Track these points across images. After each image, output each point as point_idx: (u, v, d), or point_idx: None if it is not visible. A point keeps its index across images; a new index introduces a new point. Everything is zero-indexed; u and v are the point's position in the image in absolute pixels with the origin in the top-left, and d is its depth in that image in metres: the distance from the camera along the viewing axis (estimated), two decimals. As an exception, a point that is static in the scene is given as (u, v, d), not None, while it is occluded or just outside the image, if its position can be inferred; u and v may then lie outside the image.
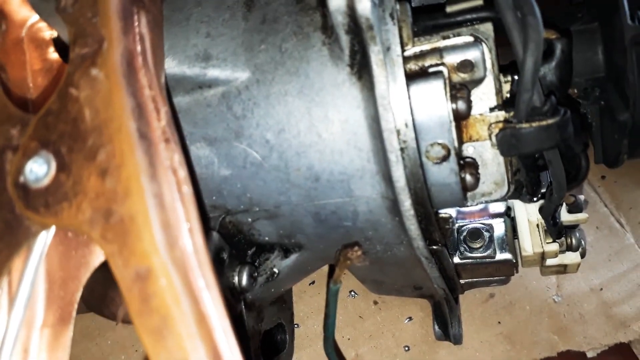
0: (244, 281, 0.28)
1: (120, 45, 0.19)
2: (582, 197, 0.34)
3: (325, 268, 0.38)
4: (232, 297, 0.26)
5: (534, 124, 0.23)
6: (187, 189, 0.17)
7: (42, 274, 0.20)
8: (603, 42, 0.27)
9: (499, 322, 0.43)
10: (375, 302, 0.43)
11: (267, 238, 0.29)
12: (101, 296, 0.26)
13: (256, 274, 0.29)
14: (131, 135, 0.17)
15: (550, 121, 0.23)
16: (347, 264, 0.27)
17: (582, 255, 0.36)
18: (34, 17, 0.23)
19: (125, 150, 0.16)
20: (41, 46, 0.24)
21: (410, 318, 0.42)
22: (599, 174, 0.50)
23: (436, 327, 0.39)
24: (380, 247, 0.29)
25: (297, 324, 0.40)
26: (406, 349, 0.41)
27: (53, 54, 0.24)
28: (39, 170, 0.17)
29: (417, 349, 0.41)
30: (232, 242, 0.28)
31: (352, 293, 0.42)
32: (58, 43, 0.25)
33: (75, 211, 0.16)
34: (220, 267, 0.27)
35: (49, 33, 0.24)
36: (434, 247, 0.29)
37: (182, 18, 0.26)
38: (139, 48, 0.20)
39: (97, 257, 0.21)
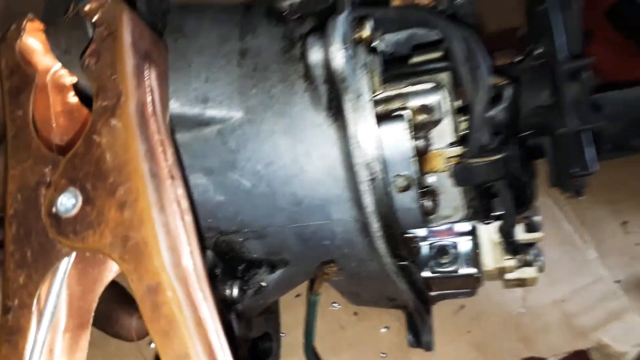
0: (235, 293, 0.32)
1: (134, 98, 0.22)
2: (537, 218, 0.38)
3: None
4: (224, 307, 0.29)
5: (483, 160, 0.27)
6: (188, 218, 0.21)
7: (65, 287, 0.23)
8: (549, 76, 0.31)
9: (469, 332, 0.46)
10: (355, 313, 0.46)
11: (255, 255, 0.33)
12: (106, 317, 0.30)
13: (245, 287, 0.33)
14: (144, 175, 0.21)
15: (496, 157, 0.27)
16: (324, 277, 0.31)
17: (541, 270, 0.40)
18: (57, 65, 0.27)
19: (139, 188, 0.20)
20: (62, 91, 0.27)
21: (387, 327, 0.46)
22: (564, 194, 0.55)
23: (409, 335, 0.42)
24: (355, 263, 0.33)
25: (283, 333, 0.43)
26: (383, 355, 0.45)
27: (73, 98, 0.27)
28: (68, 203, 0.21)
29: (393, 355, 0.45)
30: (225, 259, 0.32)
31: (334, 305, 0.46)
32: (77, 88, 0.29)
33: (99, 237, 0.20)
34: (214, 281, 0.30)
35: (69, 79, 0.27)
36: (402, 262, 0.33)
37: (184, 65, 0.29)
38: (149, 99, 0.24)
39: (110, 273, 0.25)
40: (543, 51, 0.30)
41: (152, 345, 0.44)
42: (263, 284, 0.33)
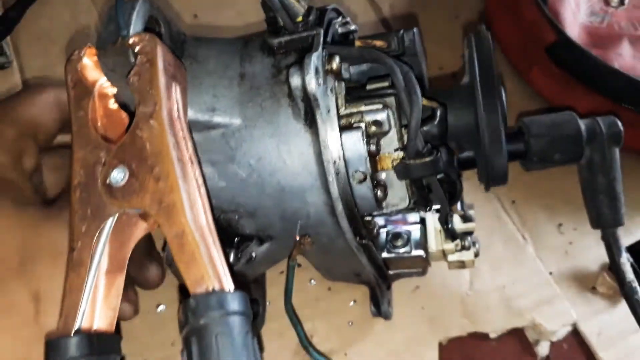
0: (231, 259, 0.41)
1: (165, 106, 0.32)
2: (472, 211, 0.47)
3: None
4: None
5: (417, 161, 0.36)
6: (203, 190, 0.30)
7: (108, 239, 0.32)
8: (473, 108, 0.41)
9: (423, 308, 0.53)
10: (329, 289, 0.53)
11: (248, 231, 0.40)
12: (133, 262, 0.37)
13: (239, 256, 0.41)
14: (173, 159, 0.30)
15: (426, 159, 0.36)
16: (300, 247, 0.39)
17: (476, 255, 0.49)
18: (103, 79, 0.35)
19: (170, 167, 0.29)
20: (105, 99, 0.36)
21: (354, 301, 0.52)
22: (510, 199, 0.61)
23: (372, 306, 0.50)
24: (325, 239, 0.40)
25: (268, 302, 0.51)
26: (350, 324, 0.52)
27: (113, 105, 0.36)
28: (118, 176, 0.30)
29: (358, 324, 0.51)
30: (224, 233, 0.41)
31: (312, 281, 0.53)
32: (116, 97, 0.37)
33: (140, 200, 0.29)
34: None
35: (111, 90, 0.36)
36: (362, 241, 0.42)
37: (197, 83, 0.38)
38: (175, 107, 0.33)
39: (139, 233, 0.34)
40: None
41: (159, 309, 0.53)
42: (253, 254, 0.41)
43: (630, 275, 0.47)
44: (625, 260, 0.48)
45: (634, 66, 0.62)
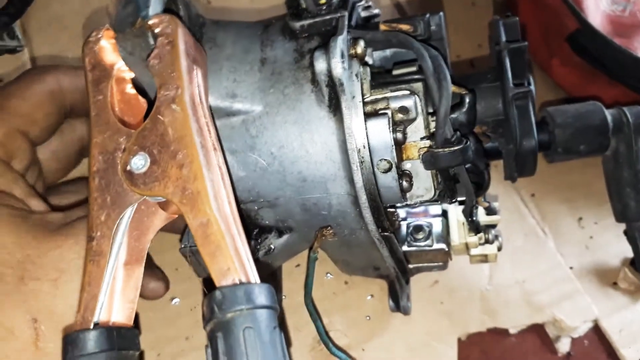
0: (250, 251, 0.39)
1: (188, 90, 0.30)
2: (496, 204, 0.46)
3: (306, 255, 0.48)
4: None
5: (445, 149, 0.35)
6: (227, 179, 0.29)
7: (127, 229, 0.31)
8: (502, 96, 0.39)
9: (442, 303, 0.52)
10: (346, 282, 0.52)
11: (267, 222, 0.39)
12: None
13: (258, 248, 0.40)
14: (197, 145, 0.28)
15: (455, 148, 0.34)
16: (322, 239, 0.38)
17: (499, 249, 0.48)
18: (120, 62, 0.33)
19: (194, 154, 0.28)
20: (122, 83, 0.34)
21: (372, 295, 0.51)
22: (530, 193, 0.60)
23: (390, 301, 0.49)
24: (347, 231, 0.39)
25: (284, 295, 0.50)
26: (367, 318, 0.51)
27: (131, 90, 0.35)
28: (139, 163, 0.29)
29: (376, 318, 0.50)
30: (243, 224, 0.40)
31: (328, 275, 0.52)
32: (133, 81, 0.36)
33: (163, 187, 0.28)
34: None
35: (128, 75, 0.35)
36: (385, 233, 0.41)
37: (217, 68, 0.37)
38: (197, 92, 0.31)
39: (158, 223, 0.32)
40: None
41: (174, 302, 0.51)
42: (272, 246, 0.40)
43: (655, 270, 0.46)
44: (651, 255, 0.47)
45: (658, 56, 0.60)
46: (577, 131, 0.44)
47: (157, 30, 0.32)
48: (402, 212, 0.46)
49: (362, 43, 0.35)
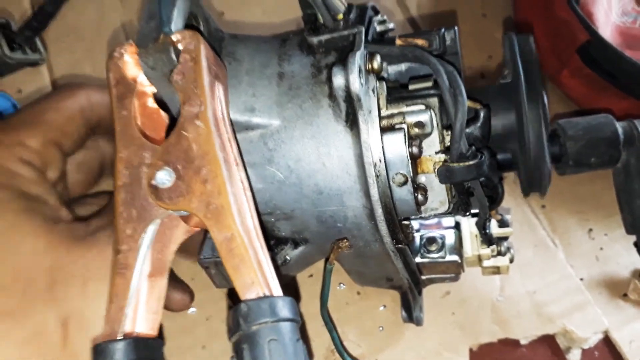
0: (266, 262, 0.40)
1: (211, 106, 0.31)
2: (508, 216, 0.46)
3: (321, 265, 0.49)
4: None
5: (460, 164, 0.35)
6: (249, 193, 0.30)
7: (152, 242, 0.31)
8: (515, 111, 0.40)
9: (453, 313, 0.53)
10: (359, 293, 0.52)
11: (283, 233, 0.40)
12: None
13: (274, 258, 0.41)
14: (220, 161, 0.29)
15: (470, 162, 0.35)
16: (338, 251, 0.39)
17: (511, 261, 0.48)
18: (142, 76, 0.34)
19: (217, 169, 0.29)
20: (143, 97, 0.35)
21: (384, 306, 0.52)
22: (540, 204, 0.61)
23: (403, 312, 0.49)
24: (362, 242, 0.39)
25: None
26: (380, 329, 0.51)
27: (152, 104, 0.36)
28: (164, 178, 0.29)
29: (388, 329, 0.51)
30: (264, 236, 0.40)
31: (341, 285, 0.53)
32: (154, 96, 0.37)
33: (187, 202, 0.28)
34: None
35: (149, 89, 0.35)
36: (399, 245, 0.41)
37: (236, 83, 0.37)
38: (219, 107, 0.32)
39: (181, 236, 0.33)
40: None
41: (190, 311, 0.52)
42: (287, 257, 0.41)
43: (666, 282, 0.46)
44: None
45: (669, 68, 0.61)
46: (588, 143, 0.44)
47: (179, 46, 0.32)
48: (415, 224, 0.47)
49: (378, 58, 0.36)
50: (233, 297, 0.27)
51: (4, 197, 0.32)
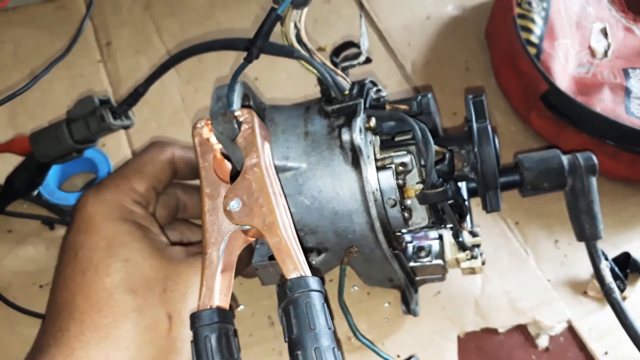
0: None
1: (263, 159, 0.47)
2: (477, 229, 0.61)
3: (337, 271, 0.63)
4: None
5: (433, 191, 0.50)
6: (289, 213, 0.46)
7: (225, 248, 0.47)
8: (472, 154, 0.55)
9: (443, 308, 0.64)
10: (368, 293, 0.64)
11: (310, 244, 0.48)
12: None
13: (304, 263, 0.55)
14: (270, 194, 0.45)
15: (439, 189, 0.50)
16: (350, 255, 0.54)
17: (483, 263, 0.62)
18: (213, 138, 0.49)
19: (269, 199, 0.44)
20: (212, 151, 0.51)
21: (389, 302, 0.63)
22: (515, 221, 0.73)
23: (403, 306, 0.59)
24: (367, 249, 0.48)
25: None
26: (386, 320, 0.63)
27: (219, 156, 0.52)
28: (235, 205, 0.45)
29: (392, 320, 0.62)
30: (301, 242, 0.55)
31: (354, 287, 0.64)
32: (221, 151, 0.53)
33: (251, 220, 0.43)
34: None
35: (218, 146, 0.51)
36: (395, 251, 0.56)
37: (275, 139, 0.52)
38: (268, 159, 0.48)
39: (243, 243, 0.48)
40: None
41: (239, 308, 0.67)
42: (313, 262, 0.54)
43: (609, 278, 0.59)
44: (605, 266, 0.60)
45: (614, 109, 0.75)
46: (540, 173, 0.58)
47: (240, 119, 0.49)
48: (408, 237, 0.61)
49: (373, 120, 0.50)
50: (279, 281, 0.42)
51: (129, 228, 0.43)
